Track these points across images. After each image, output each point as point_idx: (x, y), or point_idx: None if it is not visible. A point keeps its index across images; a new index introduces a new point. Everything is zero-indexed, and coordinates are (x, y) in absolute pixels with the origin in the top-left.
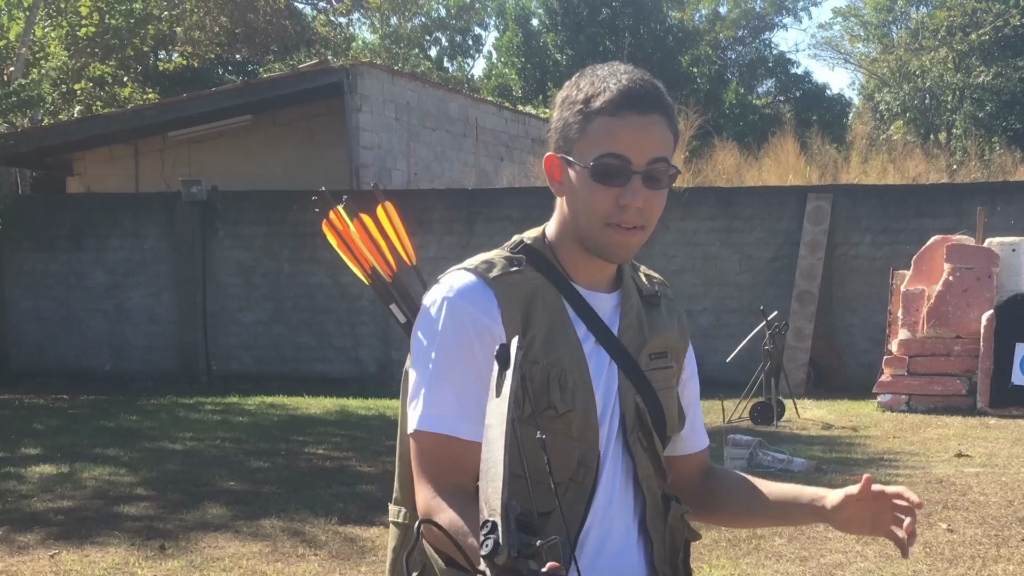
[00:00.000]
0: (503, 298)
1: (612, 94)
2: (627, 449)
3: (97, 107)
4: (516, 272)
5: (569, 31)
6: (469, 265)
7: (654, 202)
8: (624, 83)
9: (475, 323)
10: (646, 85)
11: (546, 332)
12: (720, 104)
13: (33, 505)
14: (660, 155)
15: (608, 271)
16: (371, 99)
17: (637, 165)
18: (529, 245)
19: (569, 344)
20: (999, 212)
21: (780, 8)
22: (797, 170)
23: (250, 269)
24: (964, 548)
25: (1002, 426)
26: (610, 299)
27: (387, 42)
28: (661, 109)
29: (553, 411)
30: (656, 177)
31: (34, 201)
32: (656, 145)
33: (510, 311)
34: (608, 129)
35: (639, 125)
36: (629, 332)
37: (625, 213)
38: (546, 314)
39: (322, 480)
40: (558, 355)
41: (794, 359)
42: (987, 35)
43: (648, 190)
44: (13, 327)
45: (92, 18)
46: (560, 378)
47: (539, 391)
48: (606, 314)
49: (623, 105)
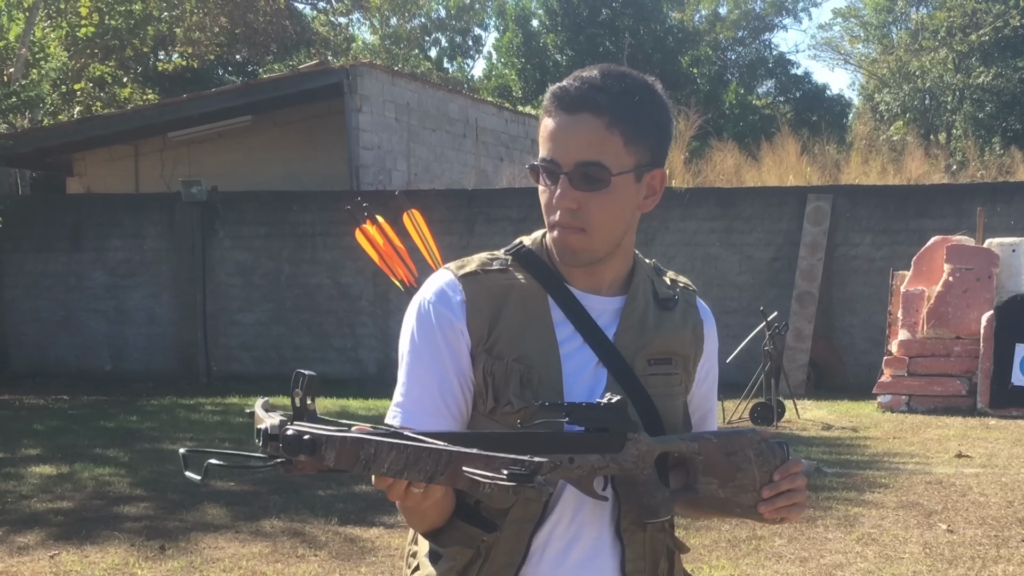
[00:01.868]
0: (471, 294)
1: (547, 95)
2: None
3: (97, 108)
4: (497, 271)
5: (569, 32)
6: (451, 264)
7: (592, 204)
8: (562, 83)
9: (439, 319)
10: (581, 84)
11: (514, 329)
12: (720, 105)
13: (33, 506)
14: (589, 158)
15: (608, 274)
16: (371, 100)
17: (565, 166)
18: (526, 247)
19: (541, 343)
20: (999, 212)
21: (780, 9)
22: (797, 171)
23: (250, 269)
24: (964, 549)
25: (1002, 427)
26: (611, 302)
27: (387, 43)
28: (594, 107)
29: (509, 406)
30: (586, 179)
31: (34, 201)
32: (585, 145)
33: (476, 307)
34: (544, 131)
35: (565, 125)
36: (627, 335)
37: (557, 214)
38: (516, 312)
39: (322, 480)
40: (525, 353)
41: (794, 360)
42: (987, 36)
43: (580, 192)
44: (13, 327)
45: (92, 19)
46: (523, 375)
47: (500, 387)
48: (604, 317)
49: (553, 106)
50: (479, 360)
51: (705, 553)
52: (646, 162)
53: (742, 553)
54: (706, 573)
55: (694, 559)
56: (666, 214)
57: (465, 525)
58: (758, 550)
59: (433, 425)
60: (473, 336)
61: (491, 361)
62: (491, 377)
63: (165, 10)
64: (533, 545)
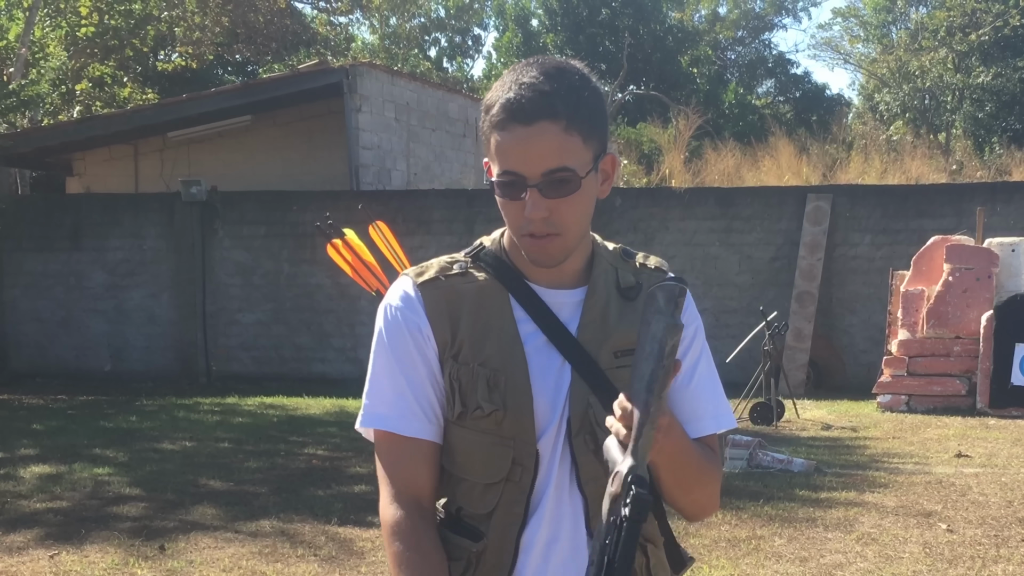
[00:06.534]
0: (430, 301)
1: (497, 108)
2: (571, 451)
3: (97, 107)
4: (456, 275)
5: (569, 32)
6: (410, 270)
7: (563, 209)
8: (510, 94)
9: (408, 324)
10: (531, 92)
11: (477, 333)
12: (720, 104)
13: (32, 505)
14: (555, 164)
15: (569, 266)
16: (371, 99)
17: (531, 178)
18: (486, 247)
19: (505, 344)
20: (999, 212)
21: (780, 8)
22: (796, 170)
23: (250, 269)
24: (964, 548)
25: (1002, 426)
26: (573, 295)
27: (387, 42)
28: (549, 114)
29: (480, 411)
30: (556, 186)
31: (34, 201)
32: (549, 154)
33: (437, 312)
34: (499, 145)
35: (524, 137)
36: (589, 329)
37: (532, 224)
38: (478, 315)
39: (321, 481)
40: (489, 355)
41: (794, 359)
42: (987, 35)
43: (550, 200)
44: (12, 327)
45: (92, 18)
46: (490, 378)
47: (467, 392)
48: (565, 311)
49: (507, 118)
50: (446, 366)
51: (705, 553)
52: (599, 151)
53: (742, 553)
54: (706, 573)
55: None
56: (666, 214)
57: (454, 536)
58: (758, 550)
59: (413, 430)
60: (438, 342)
61: (456, 366)
62: (457, 382)
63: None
64: (520, 545)
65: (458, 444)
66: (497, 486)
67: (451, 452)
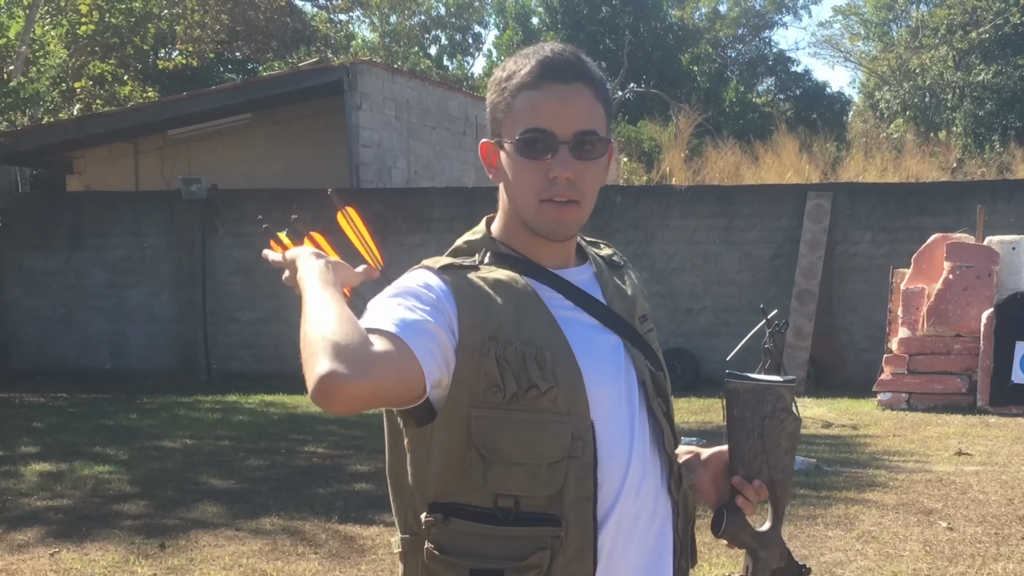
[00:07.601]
0: (456, 286)
1: (532, 66)
2: (651, 415)
3: (97, 105)
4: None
5: (569, 29)
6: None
7: (586, 174)
8: (545, 54)
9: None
10: (567, 55)
11: (512, 315)
12: (720, 102)
13: (33, 503)
14: (587, 127)
15: (568, 249)
16: (371, 97)
17: (563, 135)
18: (476, 242)
19: (540, 322)
20: (999, 210)
21: (780, 6)
22: (797, 168)
23: (250, 267)
24: (964, 546)
25: (1002, 424)
26: (581, 272)
27: (387, 40)
28: (585, 78)
29: (536, 390)
30: (585, 147)
31: (34, 199)
32: (582, 115)
33: (462, 296)
34: (531, 102)
35: (561, 95)
36: (616, 300)
37: (556, 186)
38: (506, 298)
39: (322, 478)
40: (529, 335)
41: (794, 357)
42: (987, 33)
43: (578, 161)
44: (13, 326)
45: (92, 16)
46: (536, 356)
47: (519, 372)
48: (584, 287)
49: (544, 76)
50: (487, 349)
51: (705, 552)
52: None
53: (742, 552)
54: (706, 572)
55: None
56: (666, 212)
57: (526, 530)
58: None
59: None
60: (462, 323)
61: (500, 347)
62: (507, 363)
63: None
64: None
65: (510, 429)
66: (561, 464)
67: (499, 440)
